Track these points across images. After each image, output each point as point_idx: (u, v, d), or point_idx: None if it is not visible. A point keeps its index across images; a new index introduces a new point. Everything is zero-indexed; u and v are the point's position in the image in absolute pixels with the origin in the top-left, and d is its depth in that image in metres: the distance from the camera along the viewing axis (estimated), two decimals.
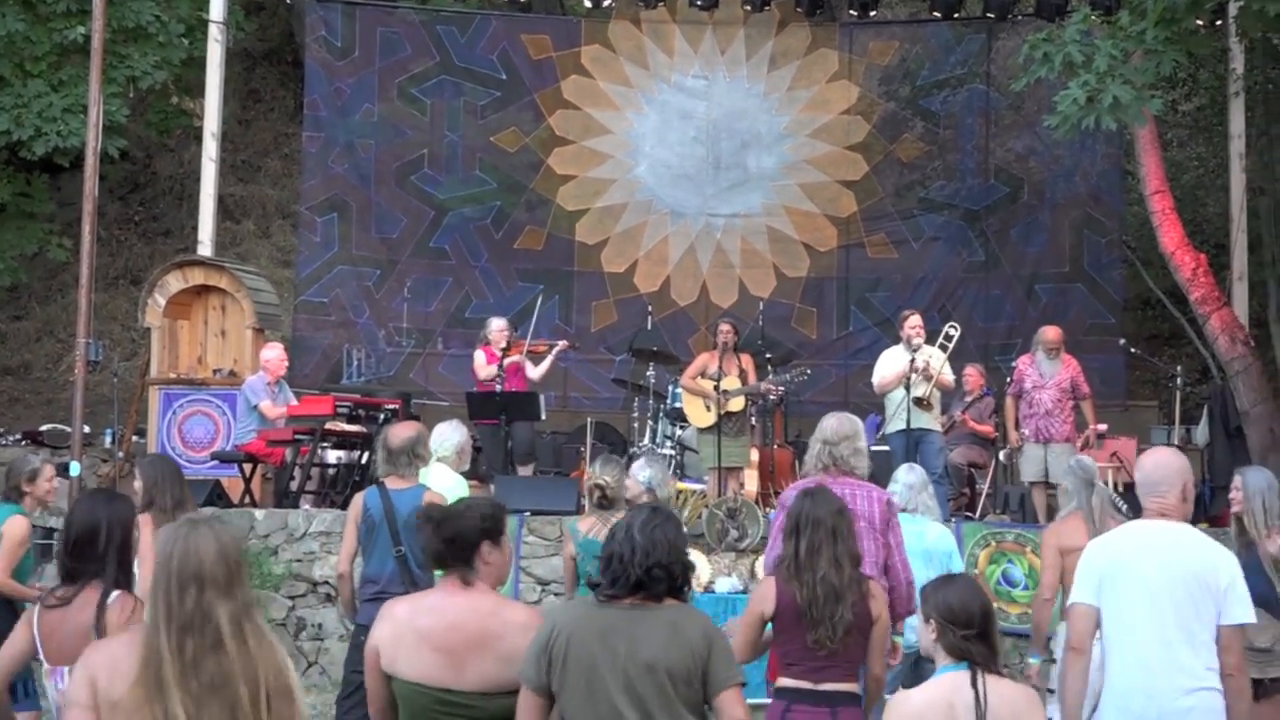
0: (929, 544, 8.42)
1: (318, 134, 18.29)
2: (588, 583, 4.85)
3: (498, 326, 14.05)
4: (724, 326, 13.37)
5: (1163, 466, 5.89)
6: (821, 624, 5.77)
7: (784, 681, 5.90)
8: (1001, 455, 13.82)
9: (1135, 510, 7.16)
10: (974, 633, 4.65)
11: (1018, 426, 13.15)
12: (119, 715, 3.76)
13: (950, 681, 4.64)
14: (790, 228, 18.54)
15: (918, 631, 4.85)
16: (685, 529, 10.53)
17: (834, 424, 7.16)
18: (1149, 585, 5.57)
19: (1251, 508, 7.11)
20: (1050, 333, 13.30)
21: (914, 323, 13.04)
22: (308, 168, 18.59)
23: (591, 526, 8.13)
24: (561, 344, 14.20)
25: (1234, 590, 5.59)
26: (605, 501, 8.09)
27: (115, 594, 5.46)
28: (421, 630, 4.68)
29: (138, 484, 7.84)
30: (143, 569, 7.51)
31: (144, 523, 7.64)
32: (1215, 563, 5.64)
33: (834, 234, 18.52)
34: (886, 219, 18.54)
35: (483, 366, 13.89)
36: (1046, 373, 12.95)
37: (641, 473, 8.72)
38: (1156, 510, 5.80)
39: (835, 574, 5.85)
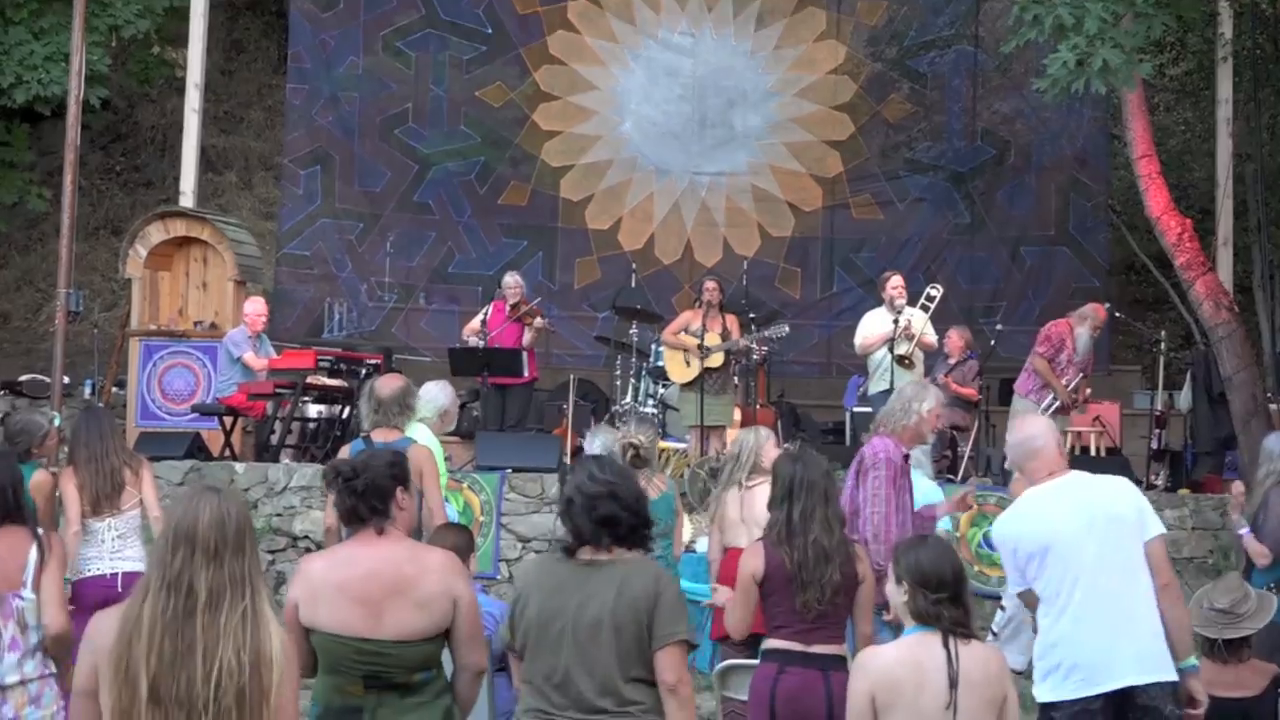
0: (918, 494, 8.40)
1: (301, 86, 18.18)
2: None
3: (511, 282, 14.04)
4: (709, 284, 13.32)
5: (1031, 425, 5.93)
6: (811, 586, 5.80)
7: (774, 643, 5.90)
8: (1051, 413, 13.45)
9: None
10: (946, 596, 4.60)
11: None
12: (102, 672, 3.75)
13: (919, 640, 4.60)
14: (776, 187, 18.49)
15: (888, 593, 4.81)
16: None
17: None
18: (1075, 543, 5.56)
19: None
20: (1103, 314, 13.26)
21: (895, 283, 13.00)
22: (291, 120, 18.49)
23: None
24: (540, 322, 14.13)
25: (1144, 510, 5.64)
26: (638, 461, 8.11)
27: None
28: (339, 582, 4.68)
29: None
30: (68, 520, 7.71)
31: (65, 476, 7.89)
32: (1117, 493, 5.68)
33: (819, 194, 18.48)
34: (872, 179, 18.50)
35: (469, 327, 13.99)
36: (1080, 351, 12.91)
37: (592, 442, 8.74)
38: (1045, 470, 5.74)
39: (826, 537, 5.88)
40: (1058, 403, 12.61)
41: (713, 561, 8.33)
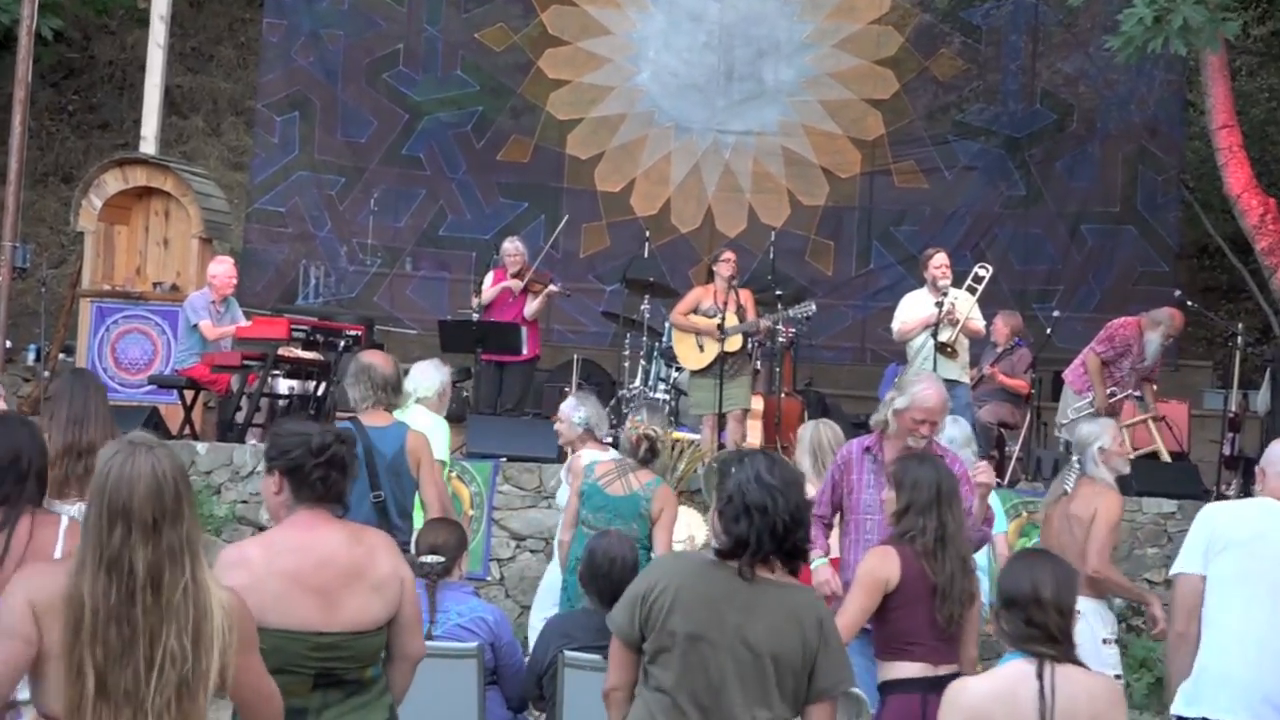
0: None
1: (279, 21, 18.15)
2: (716, 550, 4.77)
3: (511, 249, 14.03)
4: (726, 255, 13.18)
5: None
6: (952, 599, 5.99)
7: (906, 669, 6.00)
8: (1073, 411, 13.46)
9: None
10: (1043, 619, 4.58)
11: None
12: (52, 659, 3.74)
13: (1016, 669, 4.60)
14: (808, 149, 18.45)
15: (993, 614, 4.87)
16: (681, 484, 10.57)
17: None
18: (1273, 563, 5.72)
19: None
20: (1180, 321, 13.20)
21: (938, 262, 12.94)
22: (266, 59, 18.45)
23: (607, 472, 8.15)
24: (553, 287, 14.13)
25: None
26: (650, 455, 8.12)
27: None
28: (290, 572, 4.65)
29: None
30: None
31: None
32: None
33: (857, 159, 18.44)
34: (917, 144, 18.46)
35: (487, 290, 13.93)
36: (1150, 357, 12.88)
37: (575, 412, 8.76)
38: (1274, 494, 5.95)
39: (967, 548, 6.24)
40: (1093, 407, 12.58)
41: None
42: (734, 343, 12.84)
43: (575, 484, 8.32)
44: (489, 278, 14.13)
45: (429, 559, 6.87)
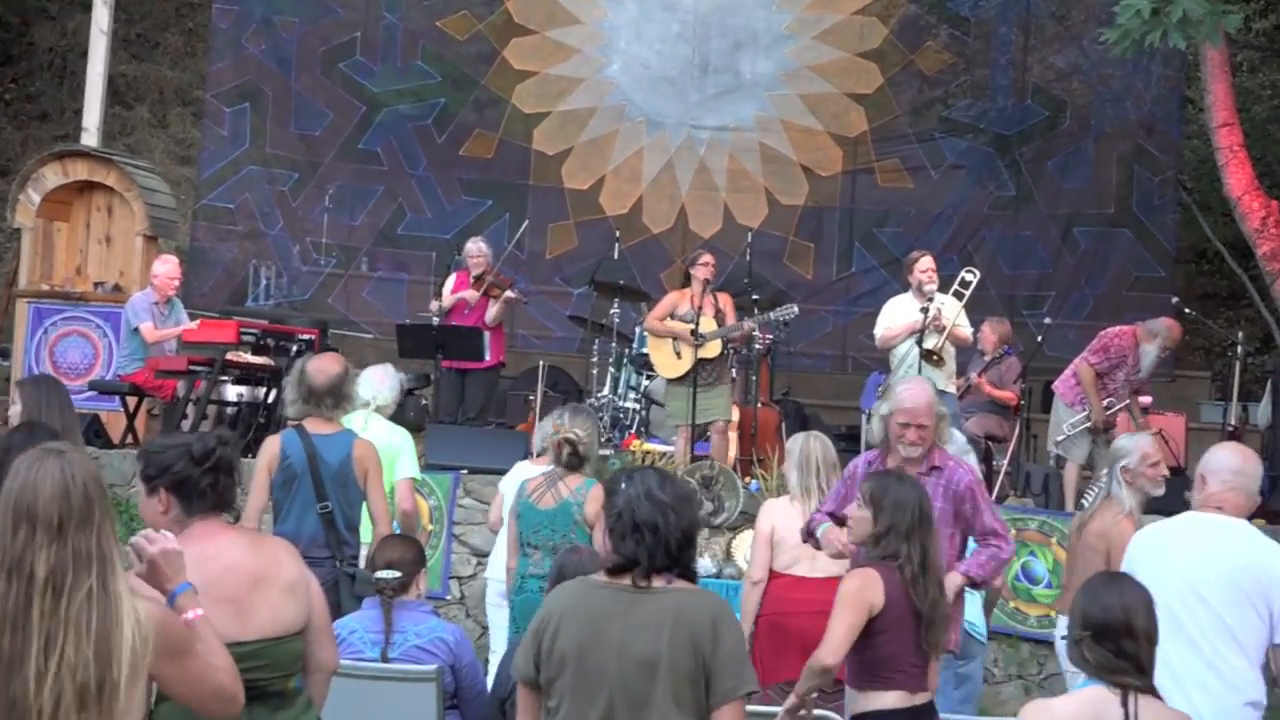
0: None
1: (230, 7, 18.12)
2: (605, 567, 4.79)
3: (474, 250, 13.97)
4: (704, 257, 13.20)
5: (1237, 455, 6.03)
6: (935, 627, 6.01)
7: (886, 700, 5.99)
8: (1068, 427, 13.47)
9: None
10: (1128, 647, 4.59)
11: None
12: None
13: (1097, 694, 4.60)
14: (787, 146, 18.48)
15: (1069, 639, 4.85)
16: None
17: None
18: (1188, 581, 5.67)
19: None
20: (1178, 333, 13.20)
21: (924, 265, 12.92)
22: (216, 47, 18.43)
23: (537, 486, 8.16)
24: (511, 293, 14.06)
25: None
26: (575, 460, 8.11)
27: None
28: (197, 584, 4.52)
29: (14, 409, 7.74)
30: None
31: None
32: (1270, 564, 5.71)
33: (839, 156, 18.48)
34: (901, 141, 18.51)
35: (448, 295, 13.88)
36: (1145, 369, 12.91)
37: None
38: (1214, 502, 5.89)
39: (943, 569, 6.31)
40: (1089, 421, 12.62)
41: (754, 585, 8.26)
42: (712, 349, 12.82)
43: (509, 505, 8.34)
44: (451, 280, 14.09)
45: (384, 574, 6.81)
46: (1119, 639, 4.58)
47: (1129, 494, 7.76)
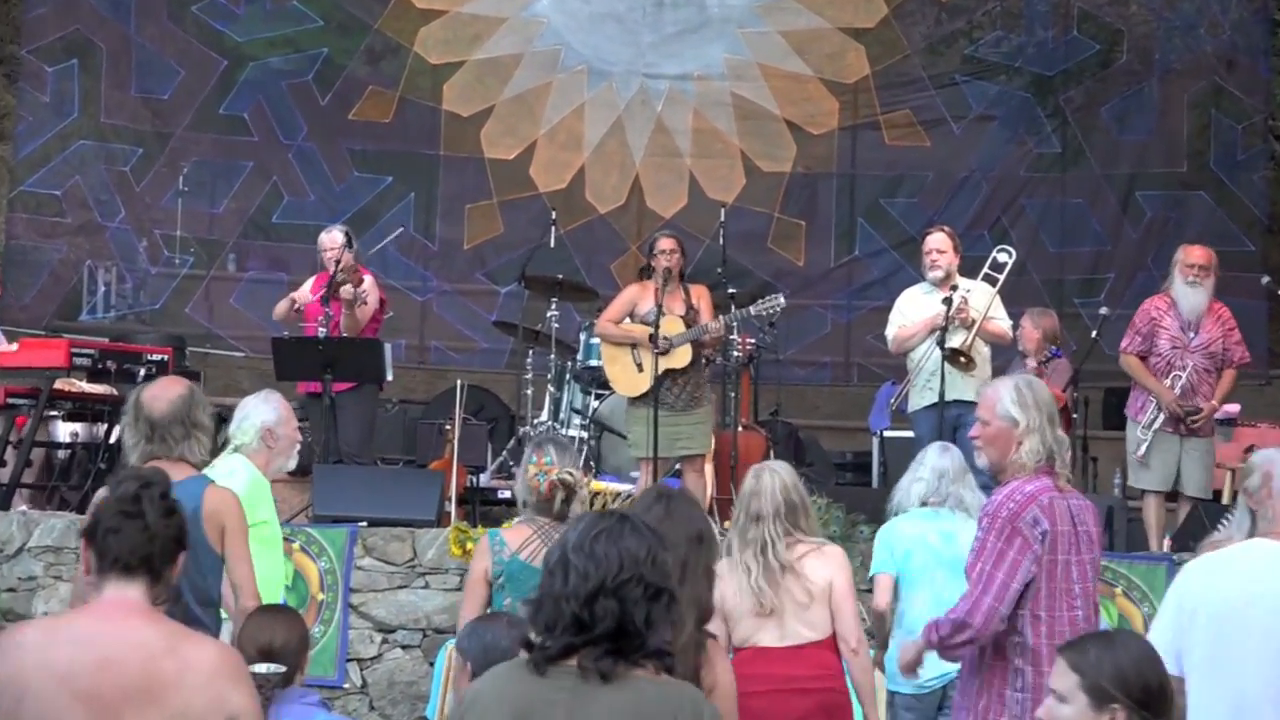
0: (960, 549, 8.39)
1: None
2: (523, 643, 4.67)
3: (326, 240, 13.84)
4: (665, 243, 13.16)
5: None
6: None
7: None
8: (1141, 433, 13.41)
9: None
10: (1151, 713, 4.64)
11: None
12: None
13: None
14: (768, 98, 18.52)
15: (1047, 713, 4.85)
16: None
17: None
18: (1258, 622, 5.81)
19: None
20: (1196, 253, 12.99)
21: (930, 244, 12.87)
22: None
23: (527, 542, 8.08)
24: (351, 290, 13.68)
25: None
26: (566, 505, 8.12)
27: None
28: (58, 668, 4.55)
29: None
30: None
31: None
32: None
33: (834, 108, 18.55)
34: (914, 87, 18.57)
35: (303, 296, 13.73)
36: (1186, 313, 12.72)
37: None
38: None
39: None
40: (1162, 416, 12.53)
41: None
42: (680, 357, 12.69)
43: (482, 565, 8.26)
44: (309, 283, 13.85)
45: (262, 669, 6.68)
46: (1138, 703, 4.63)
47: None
